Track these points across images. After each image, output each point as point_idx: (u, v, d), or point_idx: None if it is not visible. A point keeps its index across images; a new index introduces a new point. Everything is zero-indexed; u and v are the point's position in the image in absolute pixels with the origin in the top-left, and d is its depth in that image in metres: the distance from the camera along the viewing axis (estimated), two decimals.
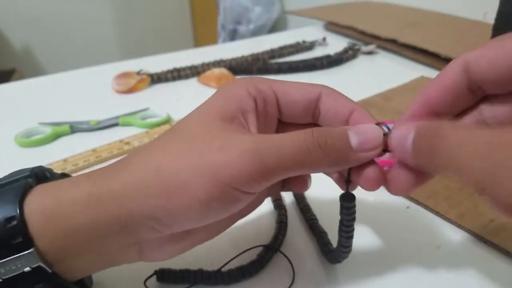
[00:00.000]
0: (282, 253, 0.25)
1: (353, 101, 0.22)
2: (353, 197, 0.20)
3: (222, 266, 0.24)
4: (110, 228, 0.19)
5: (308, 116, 0.22)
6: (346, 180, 0.20)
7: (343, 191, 0.21)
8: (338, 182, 0.23)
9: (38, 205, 0.18)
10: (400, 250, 0.26)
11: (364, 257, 0.26)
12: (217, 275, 0.23)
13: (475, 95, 0.20)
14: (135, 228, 0.19)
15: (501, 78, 0.18)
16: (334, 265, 0.25)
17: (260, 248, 0.25)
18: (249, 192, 0.19)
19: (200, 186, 0.18)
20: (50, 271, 0.18)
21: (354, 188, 0.21)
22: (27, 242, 0.18)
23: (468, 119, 0.20)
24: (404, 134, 0.18)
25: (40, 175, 0.21)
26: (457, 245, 0.26)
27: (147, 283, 0.23)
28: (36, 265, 0.18)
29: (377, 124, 0.20)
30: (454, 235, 0.27)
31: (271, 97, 0.22)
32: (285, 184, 0.25)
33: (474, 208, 0.29)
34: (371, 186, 0.20)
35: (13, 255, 0.17)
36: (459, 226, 0.27)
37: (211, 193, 0.18)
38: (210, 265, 0.24)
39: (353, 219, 0.21)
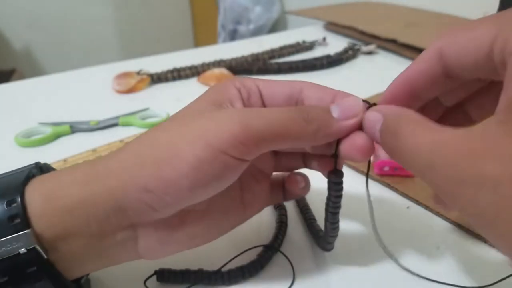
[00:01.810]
0: (282, 253, 0.25)
1: (335, 89, 0.23)
2: (341, 173, 0.21)
3: (222, 266, 0.24)
4: (105, 204, 0.19)
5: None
6: (333, 155, 0.21)
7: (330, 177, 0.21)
8: (320, 168, 0.23)
9: (39, 188, 0.19)
10: (400, 250, 0.26)
11: (364, 257, 0.26)
12: (217, 275, 0.23)
13: (452, 79, 0.20)
14: (129, 204, 0.19)
15: (470, 63, 0.18)
16: (333, 265, 0.25)
17: (260, 248, 0.25)
18: (239, 158, 0.19)
19: (190, 150, 0.19)
20: (45, 257, 0.19)
21: (341, 165, 0.22)
22: (25, 223, 0.18)
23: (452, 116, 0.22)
24: (374, 120, 0.19)
25: (45, 169, 0.22)
26: (457, 245, 0.26)
27: (147, 283, 0.23)
28: (31, 247, 0.18)
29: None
30: (454, 235, 0.27)
31: (255, 90, 0.23)
32: (286, 192, 0.26)
33: None
34: (361, 154, 0.20)
35: (11, 235, 0.18)
36: (459, 226, 0.27)
37: (201, 156, 0.19)
38: (210, 265, 0.24)
39: (340, 196, 0.21)
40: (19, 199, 0.18)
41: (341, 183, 0.21)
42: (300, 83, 0.23)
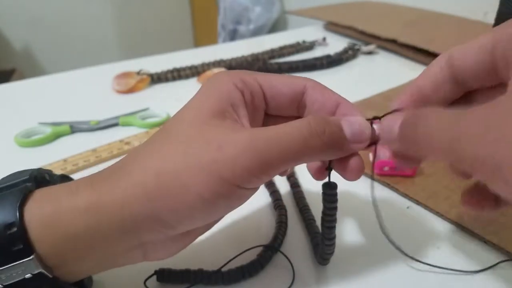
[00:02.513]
0: (282, 253, 0.25)
1: (338, 94, 0.22)
2: (335, 185, 0.21)
3: (222, 266, 0.24)
4: (112, 233, 0.19)
5: (293, 109, 0.23)
6: (328, 168, 0.21)
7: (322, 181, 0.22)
8: (312, 169, 0.23)
9: (38, 212, 0.18)
10: (400, 250, 0.26)
11: (364, 257, 0.26)
12: (217, 275, 0.23)
13: (461, 87, 0.21)
14: (139, 231, 0.19)
15: (476, 71, 0.19)
16: (333, 265, 0.25)
17: (260, 248, 0.25)
18: (250, 188, 0.19)
19: (203, 185, 0.18)
20: (51, 276, 0.18)
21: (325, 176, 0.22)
22: (27, 248, 0.17)
23: None
24: (392, 123, 0.19)
25: (39, 178, 0.21)
26: (457, 245, 0.26)
27: (147, 283, 0.23)
28: (37, 272, 0.18)
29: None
30: (454, 235, 0.27)
31: (257, 90, 0.22)
32: None
33: None
34: (354, 176, 0.20)
35: (14, 261, 0.17)
36: (459, 226, 0.27)
37: (215, 191, 0.18)
38: (210, 265, 0.24)
39: (335, 208, 0.21)
40: (19, 223, 0.17)
41: (335, 195, 0.21)
42: (302, 80, 0.22)
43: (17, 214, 0.17)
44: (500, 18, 0.50)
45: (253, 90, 0.22)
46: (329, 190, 0.21)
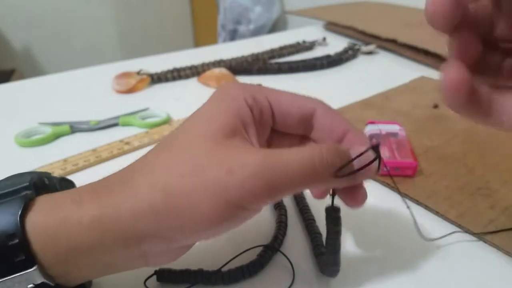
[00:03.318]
0: (282, 253, 0.25)
1: (347, 120, 0.22)
2: (338, 209, 0.21)
3: (222, 266, 0.24)
4: (116, 247, 0.18)
5: (301, 128, 0.23)
6: (331, 193, 0.21)
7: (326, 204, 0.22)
8: (314, 192, 0.23)
9: (41, 223, 0.18)
10: (400, 250, 0.26)
11: (364, 257, 0.26)
12: (217, 275, 0.23)
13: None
14: (143, 244, 0.19)
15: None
16: None
17: (260, 248, 0.25)
18: (256, 209, 0.19)
19: (211, 207, 0.18)
20: (53, 284, 0.18)
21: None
22: (30, 260, 0.17)
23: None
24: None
25: (39, 184, 0.20)
26: (457, 245, 0.26)
27: (147, 283, 0.23)
28: (39, 282, 0.18)
29: (372, 147, 0.20)
30: (454, 235, 0.27)
31: (267, 108, 0.22)
32: None
33: (474, 208, 0.29)
34: (358, 205, 0.21)
35: (16, 272, 0.17)
36: (459, 226, 0.27)
37: (222, 213, 0.18)
38: (210, 265, 0.24)
39: (339, 232, 0.21)
40: (20, 234, 0.17)
41: (338, 218, 0.21)
42: (312, 102, 0.22)
43: (19, 224, 0.17)
44: None
45: (262, 107, 0.22)
46: (334, 213, 0.21)
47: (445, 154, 0.35)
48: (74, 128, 0.43)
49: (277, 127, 0.23)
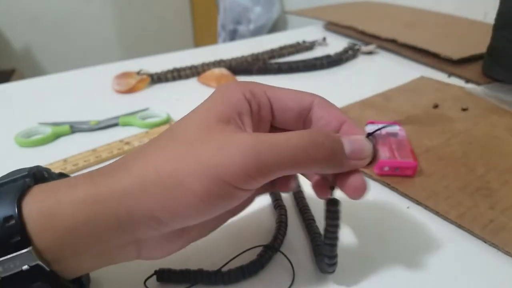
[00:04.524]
0: (282, 253, 0.25)
1: (344, 113, 0.23)
2: (337, 202, 0.21)
3: (222, 266, 0.24)
4: (109, 226, 0.19)
5: (299, 123, 0.23)
6: (331, 187, 0.21)
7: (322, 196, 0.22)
8: (316, 187, 0.23)
9: (37, 205, 0.18)
10: (400, 250, 0.26)
11: (364, 256, 0.26)
12: (217, 275, 0.23)
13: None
14: (134, 226, 0.19)
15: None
16: None
17: (260, 248, 0.25)
18: (246, 189, 0.19)
19: (199, 183, 0.18)
20: (48, 269, 0.18)
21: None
22: (25, 241, 0.18)
23: None
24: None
25: (38, 175, 0.21)
26: (457, 245, 0.26)
27: (147, 283, 0.23)
28: (34, 264, 0.18)
29: (367, 135, 0.21)
30: (454, 235, 0.27)
31: (265, 102, 0.22)
32: (275, 185, 0.25)
33: (474, 208, 0.29)
34: (357, 195, 0.20)
35: (11, 253, 0.18)
36: (459, 226, 0.27)
37: (211, 190, 0.18)
38: (210, 265, 0.24)
39: (337, 226, 0.21)
40: (17, 216, 0.18)
41: (337, 211, 0.21)
42: (311, 96, 0.23)
43: (16, 207, 0.18)
44: (500, 18, 0.51)
45: (260, 101, 0.22)
46: (332, 206, 0.21)
47: (445, 154, 0.35)
48: (74, 128, 0.43)
49: (277, 123, 0.23)
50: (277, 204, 0.29)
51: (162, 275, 0.23)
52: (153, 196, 0.19)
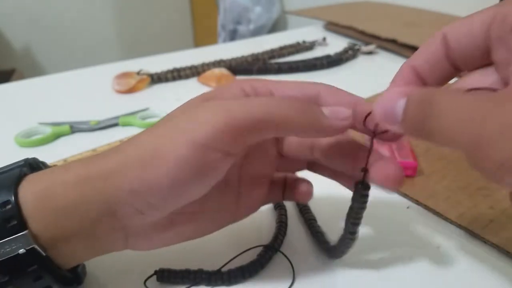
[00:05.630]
0: (282, 253, 0.25)
1: (353, 95, 0.21)
2: (368, 186, 0.20)
3: (222, 266, 0.24)
4: (97, 207, 0.19)
5: None
6: (363, 169, 0.20)
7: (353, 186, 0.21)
8: (346, 184, 0.23)
9: (31, 189, 0.19)
10: (400, 250, 0.26)
11: (364, 256, 0.26)
12: (217, 275, 0.23)
13: (455, 69, 0.20)
14: (118, 207, 0.19)
15: (469, 52, 0.19)
16: (333, 265, 0.25)
17: (260, 248, 0.25)
18: (224, 150, 0.18)
19: (171, 149, 0.18)
20: (44, 254, 0.19)
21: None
22: (21, 224, 0.18)
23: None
24: (392, 100, 0.17)
25: (34, 166, 0.22)
26: (457, 245, 0.26)
27: (147, 283, 0.23)
28: (30, 247, 0.18)
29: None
30: (454, 235, 0.27)
31: (265, 93, 0.22)
32: (286, 193, 0.25)
33: (474, 208, 0.29)
34: (393, 183, 0.20)
35: (8, 237, 0.18)
36: (459, 226, 0.27)
37: (182, 154, 0.18)
38: (210, 265, 0.24)
39: (364, 208, 0.21)
40: (13, 200, 0.18)
41: (367, 195, 0.21)
42: (316, 86, 0.22)
43: (12, 192, 0.18)
44: None
45: (260, 93, 0.22)
46: (363, 190, 0.20)
47: (445, 154, 0.35)
48: (74, 128, 0.43)
49: None
50: (277, 204, 0.29)
51: (162, 275, 0.23)
52: (131, 169, 0.19)
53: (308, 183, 0.25)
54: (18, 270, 0.18)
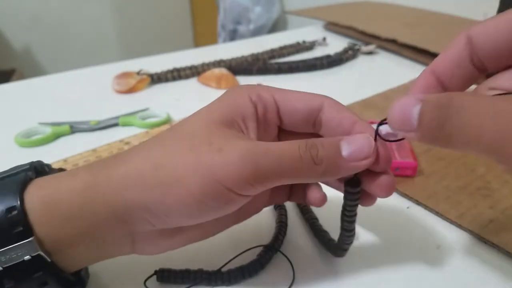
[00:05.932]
0: (282, 253, 0.25)
1: (355, 114, 0.22)
2: (358, 183, 0.20)
3: (222, 266, 0.24)
4: (104, 215, 0.19)
5: (309, 126, 0.22)
6: (353, 178, 0.21)
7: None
8: (338, 188, 0.23)
9: (38, 195, 0.19)
10: (400, 250, 0.26)
11: (364, 257, 0.26)
12: (217, 275, 0.23)
13: (480, 72, 0.19)
14: (130, 218, 0.19)
15: (496, 52, 0.18)
16: (333, 265, 0.25)
17: (260, 248, 0.25)
18: (243, 194, 0.19)
19: (196, 183, 0.18)
20: (49, 260, 0.19)
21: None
22: (27, 231, 0.18)
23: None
24: (407, 106, 0.16)
25: (39, 169, 0.22)
26: (457, 245, 0.26)
27: (147, 283, 0.23)
28: (35, 254, 0.18)
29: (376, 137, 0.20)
30: (454, 235, 0.27)
31: (271, 104, 0.22)
32: (293, 196, 0.25)
33: (474, 208, 0.29)
34: (386, 193, 0.20)
35: (14, 243, 0.18)
36: (459, 226, 0.27)
37: (206, 191, 0.18)
38: (210, 265, 0.24)
39: (356, 205, 0.21)
40: (19, 206, 0.18)
41: (358, 192, 0.21)
42: (320, 98, 0.22)
43: (18, 198, 0.18)
44: None
45: (267, 104, 0.22)
46: (351, 187, 0.20)
47: (445, 154, 0.35)
48: (74, 128, 0.43)
49: (285, 126, 0.23)
50: (277, 204, 0.29)
51: (162, 275, 0.23)
52: (150, 189, 0.19)
53: (323, 196, 0.23)
54: (23, 276, 0.18)
